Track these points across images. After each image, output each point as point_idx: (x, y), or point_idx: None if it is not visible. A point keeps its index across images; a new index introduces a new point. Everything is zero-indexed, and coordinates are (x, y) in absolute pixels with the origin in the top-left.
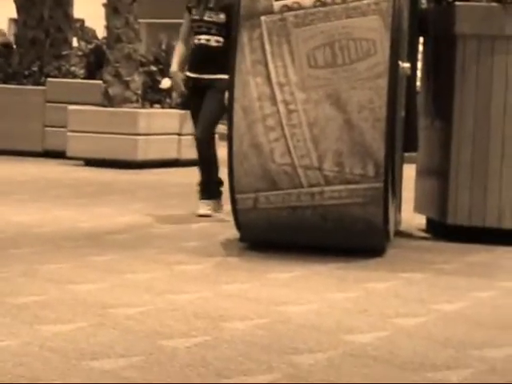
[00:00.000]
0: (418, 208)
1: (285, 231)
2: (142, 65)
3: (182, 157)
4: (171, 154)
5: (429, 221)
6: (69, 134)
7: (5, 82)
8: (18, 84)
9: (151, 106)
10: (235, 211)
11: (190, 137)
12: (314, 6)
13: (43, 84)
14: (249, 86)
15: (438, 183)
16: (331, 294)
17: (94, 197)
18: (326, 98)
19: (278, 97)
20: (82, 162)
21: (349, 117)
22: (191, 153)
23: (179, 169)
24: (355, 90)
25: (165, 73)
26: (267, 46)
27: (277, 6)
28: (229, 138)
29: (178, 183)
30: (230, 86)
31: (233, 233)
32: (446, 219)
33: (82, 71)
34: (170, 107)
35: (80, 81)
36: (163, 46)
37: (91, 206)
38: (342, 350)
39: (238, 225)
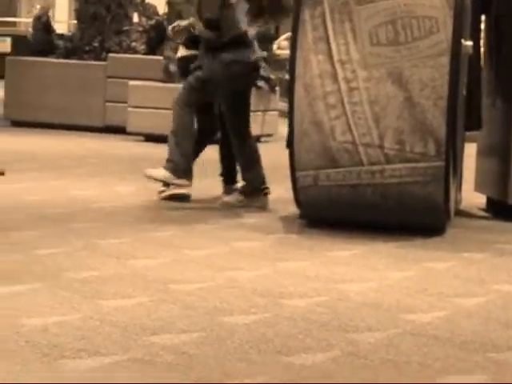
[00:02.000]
0: (479, 187)
1: (345, 209)
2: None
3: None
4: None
5: (489, 200)
6: (129, 109)
7: (66, 57)
8: (78, 59)
9: None
10: (295, 188)
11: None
12: None
13: (104, 59)
14: (310, 64)
15: (498, 163)
16: (391, 273)
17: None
18: (387, 76)
19: (340, 74)
20: (141, 138)
21: (410, 95)
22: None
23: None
24: (417, 68)
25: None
26: (329, 24)
27: None
28: (290, 116)
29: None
30: (291, 63)
31: (293, 210)
32: (506, 199)
33: (142, 47)
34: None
35: (140, 56)
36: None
37: (150, 181)
38: (402, 328)
39: (298, 202)
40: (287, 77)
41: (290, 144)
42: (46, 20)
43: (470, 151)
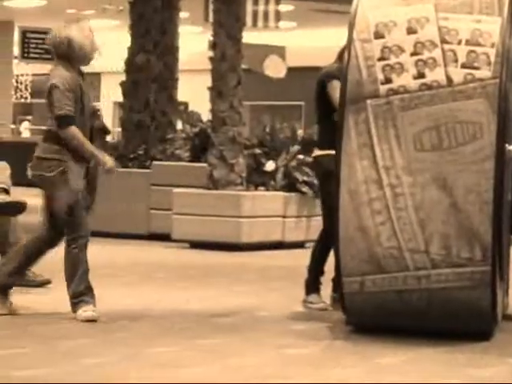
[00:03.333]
0: None
1: (391, 315)
2: (246, 147)
3: (286, 239)
4: (275, 237)
5: None
6: (174, 216)
7: None
8: (123, 167)
9: (256, 189)
10: (342, 294)
11: (293, 219)
12: (420, 90)
13: (148, 167)
14: (355, 169)
15: None
16: (439, 380)
17: (199, 279)
18: (432, 182)
19: (385, 180)
20: (187, 245)
21: (455, 200)
22: (295, 235)
23: (283, 251)
24: (461, 174)
25: (269, 155)
26: (373, 130)
27: (382, 89)
28: (335, 222)
29: (283, 266)
30: (336, 169)
31: (339, 316)
32: None
33: (186, 154)
34: (275, 190)
35: (184, 164)
36: (267, 129)
37: (197, 288)
38: None
39: (345, 308)
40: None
41: (335, 250)
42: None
43: None
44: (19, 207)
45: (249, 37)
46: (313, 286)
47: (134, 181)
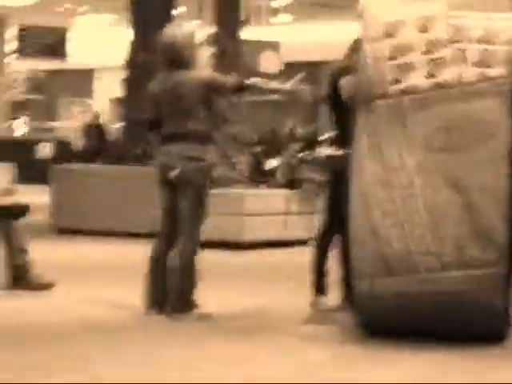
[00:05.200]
0: None
1: (402, 317)
2: (247, 145)
3: (288, 237)
4: (278, 234)
5: None
6: None
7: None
8: (123, 165)
9: (257, 187)
10: (352, 296)
11: (296, 216)
12: (431, 89)
13: (149, 164)
14: (365, 171)
15: None
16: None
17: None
18: (444, 183)
19: (395, 182)
20: None
21: (468, 201)
22: (298, 232)
23: (287, 249)
24: (475, 174)
25: (270, 153)
26: (383, 130)
27: (393, 89)
28: (346, 223)
29: (289, 264)
30: (347, 170)
31: (349, 317)
32: None
33: None
34: (276, 187)
35: None
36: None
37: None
38: None
39: (355, 310)
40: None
41: (345, 251)
42: (98, 126)
43: None
44: (23, 209)
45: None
46: (319, 286)
47: (134, 179)
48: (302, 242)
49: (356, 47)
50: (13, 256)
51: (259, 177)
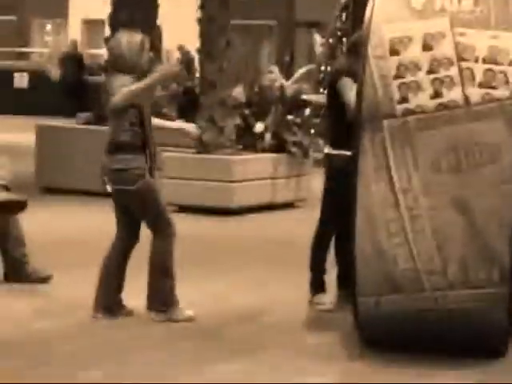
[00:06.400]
0: None
1: (407, 334)
2: (235, 107)
3: (276, 200)
4: (266, 199)
5: None
6: (163, 180)
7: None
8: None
9: (244, 150)
10: (356, 313)
11: (283, 180)
12: (437, 110)
13: None
14: (372, 191)
15: None
16: None
17: (200, 264)
18: (450, 204)
19: (402, 202)
20: (175, 208)
21: (474, 222)
22: (286, 196)
23: (276, 213)
24: (480, 196)
25: (258, 115)
26: (390, 151)
27: (399, 109)
28: (351, 243)
29: (281, 239)
30: (353, 190)
31: (350, 322)
32: None
33: (173, 113)
34: (263, 151)
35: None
36: (256, 88)
37: (200, 281)
38: None
39: (360, 326)
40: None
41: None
42: (76, 55)
43: None
44: (20, 205)
45: None
46: (317, 285)
47: None
48: (289, 205)
49: (353, 47)
50: (10, 249)
51: (246, 140)
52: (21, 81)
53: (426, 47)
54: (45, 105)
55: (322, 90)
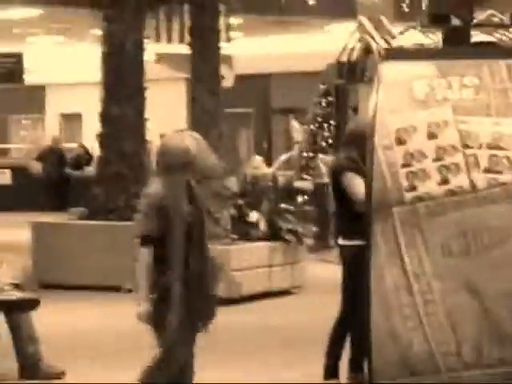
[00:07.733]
0: None
1: None
2: (229, 197)
3: (273, 288)
4: (263, 287)
5: None
6: None
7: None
8: (104, 220)
9: (239, 239)
10: None
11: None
12: (445, 196)
13: (130, 219)
14: (385, 277)
15: None
16: None
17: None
18: (462, 287)
19: (415, 287)
20: None
21: (484, 305)
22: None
23: (274, 300)
24: (490, 278)
25: (252, 205)
26: (401, 237)
27: (408, 197)
28: (366, 328)
29: (285, 325)
30: (366, 276)
31: None
32: None
33: None
34: (258, 239)
35: None
36: (247, 179)
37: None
38: None
39: None
40: None
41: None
42: (59, 152)
43: None
44: (32, 303)
45: None
46: (332, 370)
47: (116, 234)
48: (285, 293)
49: (350, 138)
50: (22, 345)
51: (241, 229)
52: (3, 178)
53: (431, 135)
54: (31, 200)
55: (305, 177)
